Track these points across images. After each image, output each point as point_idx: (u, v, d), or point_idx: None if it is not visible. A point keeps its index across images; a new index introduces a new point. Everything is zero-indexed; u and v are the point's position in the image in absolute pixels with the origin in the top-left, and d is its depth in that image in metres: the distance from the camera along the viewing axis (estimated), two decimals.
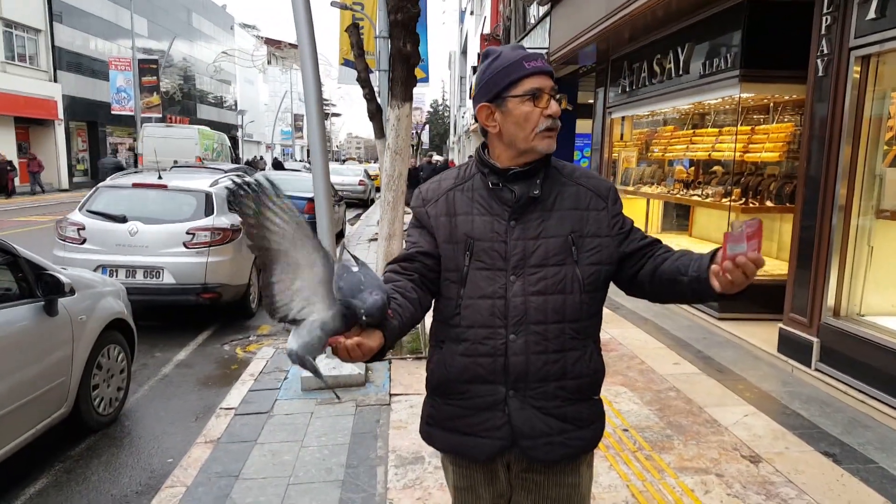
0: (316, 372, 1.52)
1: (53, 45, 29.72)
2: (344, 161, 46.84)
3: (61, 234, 6.52)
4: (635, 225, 1.74)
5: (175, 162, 18.53)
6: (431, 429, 1.78)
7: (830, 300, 5.03)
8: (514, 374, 1.63)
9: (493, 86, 1.63)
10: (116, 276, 6.22)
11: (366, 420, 4.28)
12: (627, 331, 6.48)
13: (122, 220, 6.46)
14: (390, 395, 4.70)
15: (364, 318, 1.39)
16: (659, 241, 1.73)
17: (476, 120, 1.72)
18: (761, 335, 5.98)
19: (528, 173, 1.65)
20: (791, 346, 5.34)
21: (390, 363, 5.31)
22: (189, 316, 7.14)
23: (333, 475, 3.55)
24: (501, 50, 1.66)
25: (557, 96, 1.63)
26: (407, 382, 4.91)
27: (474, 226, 1.66)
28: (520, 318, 1.62)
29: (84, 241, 6.42)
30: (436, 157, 27.39)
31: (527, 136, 1.62)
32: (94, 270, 5.95)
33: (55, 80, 29.70)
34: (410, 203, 1.84)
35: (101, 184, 7.23)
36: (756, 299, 6.60)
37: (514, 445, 1.66)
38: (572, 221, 1.63)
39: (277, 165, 28.02)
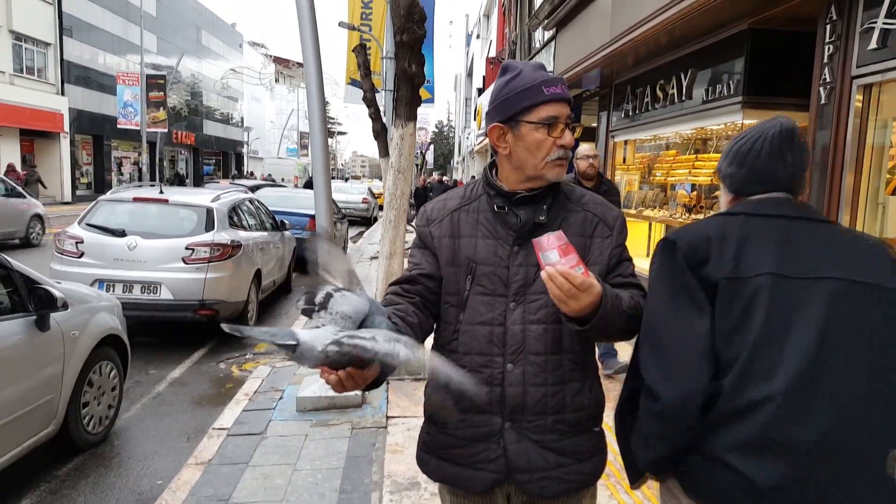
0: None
1: (62, 59, 29.98)
2: (359, 178, 48.89)
3: (59, 247, 6.50)
4: (631, 263, 1.68)
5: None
6: (427, 457, 1.73)
7: None
8: (511, 405, 1.58)
9: (508, 107, 1.58)
10: (113, 290, 6.18)
11: (361, 443, 4.20)
12: (626, 354, 6.41)
13: (121, 234, 6.43)
14: (387, 417, 4.63)
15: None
16: (636, 287, 1.64)
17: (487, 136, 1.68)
18: None
19: (535, 198, 1.61)
20: None
21: (388, 384, 5.24)
22: (185, 333, 7.09)
23: (326, 501, 3.47)
24: (522, 68, 1.59)
25: (573, 125, 1.58)
26: (405, 405, 4.84)
27: (477, 249, 1.61)
28: (518, 347, 1.58)
29: (82, 254, 6.39)
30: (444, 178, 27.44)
31: (536, 164, 1.58)
32: (91, 285, 5.91)
33: (62, 94, 29.91)
34: (415, 222, 1.80)
35: (101, 197, 7.22)
36: None
37: (509, 479, 1.61)
38: (576, 249, 1.59)
39: (308, 185, 31.64)
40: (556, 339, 1.58)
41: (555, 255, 1.37)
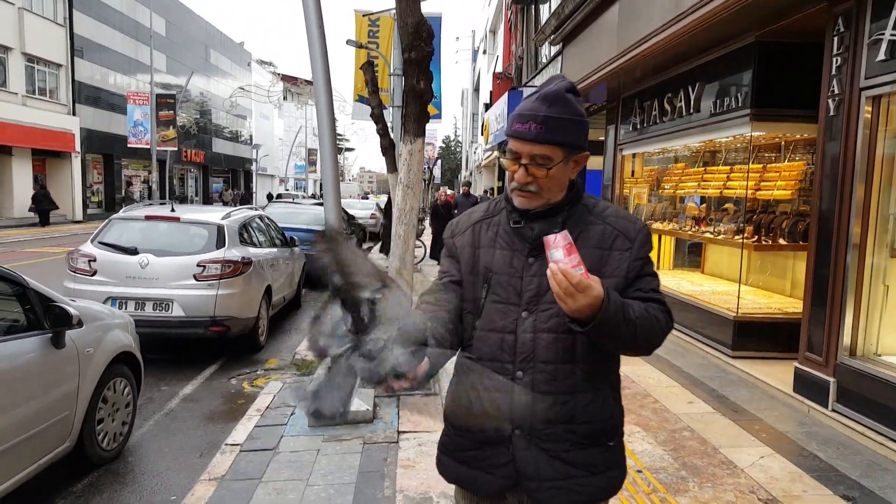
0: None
1: (73, 80, 30.36)
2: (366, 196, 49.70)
3: (72, 265, 6.55)
4: (655, 279, 1.66)
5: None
6: (444, 457, 1.79)
7: (846, 339, 4.94)
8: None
9: (506, 128, 1.65)
10: (126, 308, 6.22)
11: (373, 458, 4.20)
12: (640, 368, 6.39)
13: (134, 252, 6.48)
14: (398, 432, 4.62)
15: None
16: (657, 302, 1.61)
17: None
18: (776, 374, 5.87)
19: (550, 212, 1.63)
20: (807, 386, 5.24)
21: (399, 399, 5.24)
22: (196, 349, 7.12)
23: None
24: (531, 93, 1.63)
25: (540, 161, 1.58)
26: (416, 419, 4.84)
27: (494, 259, 1.67)
28: (527, 355, 1.60)
29: (95, 272, 6.44)
30: (453, 192, 27.20)
31: (511, 186, 1.65)
32: (104, 302, 5.95)
33: (73, 114, 30.27)
34: (444, 234, 1.88)
35: (114, 216, 7.29)
36: (770, 338, 6.51)
37: (518, 485, 1.63)
38: (592, 261, 1.55)
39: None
40: (567, 349, 1.59)
41: (560, 252, 1.42)
